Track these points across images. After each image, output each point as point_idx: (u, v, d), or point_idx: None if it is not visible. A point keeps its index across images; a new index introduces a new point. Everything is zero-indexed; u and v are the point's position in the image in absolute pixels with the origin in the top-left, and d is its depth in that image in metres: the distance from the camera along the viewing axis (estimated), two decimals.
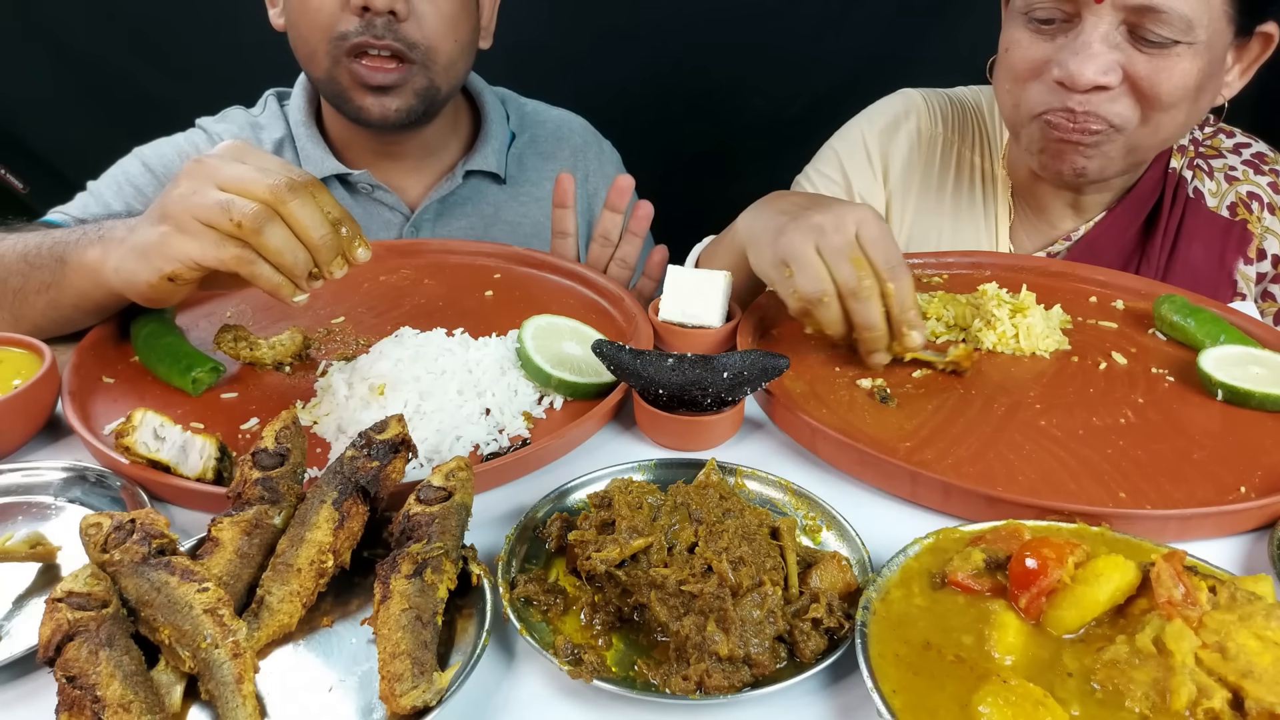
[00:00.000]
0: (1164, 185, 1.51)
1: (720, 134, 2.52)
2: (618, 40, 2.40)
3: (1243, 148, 1.55)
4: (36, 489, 0.95)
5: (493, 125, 1.76)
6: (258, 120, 1.72)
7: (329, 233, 0.98)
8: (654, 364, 0.99)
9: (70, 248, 1.13)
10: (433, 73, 1.53)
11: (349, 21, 1.45)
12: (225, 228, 0.96)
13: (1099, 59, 1.25)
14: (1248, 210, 1.50)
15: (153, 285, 1.02)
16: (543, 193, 1.80)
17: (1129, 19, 1.24)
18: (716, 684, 0.70)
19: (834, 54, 2.41)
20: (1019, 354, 1.20)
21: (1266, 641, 0.68)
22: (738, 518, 0.80)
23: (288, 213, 0.96)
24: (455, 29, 1.53)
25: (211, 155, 1.02)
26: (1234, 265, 1.50)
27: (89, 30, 2.36)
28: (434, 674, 0.68)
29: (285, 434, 0.88)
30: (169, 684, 0.70)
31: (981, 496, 0.89)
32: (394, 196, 1.69)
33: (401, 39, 1.47)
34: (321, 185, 1.00)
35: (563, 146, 1.85)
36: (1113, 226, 1.52)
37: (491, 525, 0.91)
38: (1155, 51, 1.25)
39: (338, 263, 1.00)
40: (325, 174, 1.64)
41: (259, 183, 0.96)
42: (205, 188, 0.97)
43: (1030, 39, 1.33)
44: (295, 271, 0.97)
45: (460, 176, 1.71)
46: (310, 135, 1.66)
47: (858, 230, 1.08)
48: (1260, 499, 0.91)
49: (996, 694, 0.65)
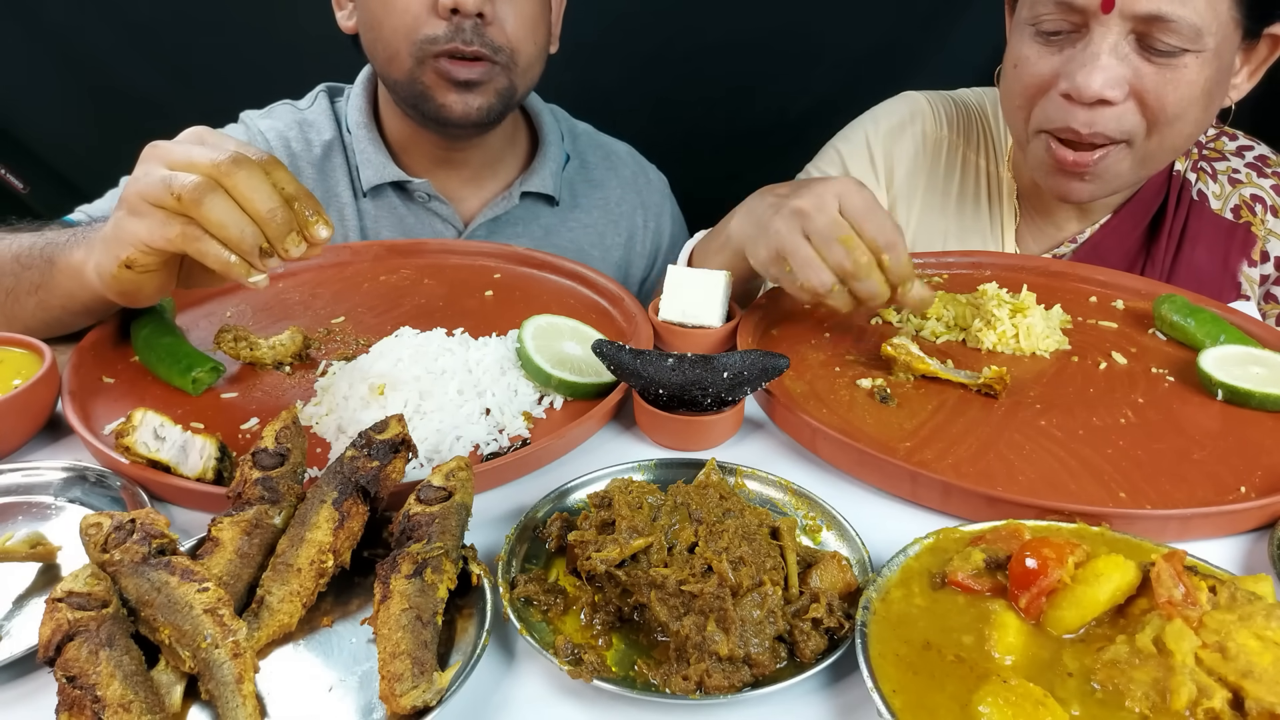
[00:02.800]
0: (1168, 188, 1.51)
1: (721, 135, 2.52)
2: (617, 40, 2.40)
3: (1245, 150, 1.55)
4: (36, 489, 0.95)
5: (551, 146, 1.74)
6: (305, 117, 1.69)
7: (278, 206, 0.93)
8: (654, 364, 0.99)
9: (59, 249, 1.12)
10: (514, 74, 1.52)
11: (436, 25, 1.44)
12: (169, 204, 0.93)
13: (1107, 71, 1.24)
14: (1251, 213, 1.50)
15: (115, 276, 1.00)
16: (591, 219, 1.79)
17: (1137, 29, 1.23)
18: (716, 684, 0.70)
19: (836, 55, 2.41)
20: (1019, 354, 1.20)
21: (1266, 641, 0.68)
22: (738, 518, 0.80)
23: (231, 185, 0.92)
24: (535, 31, 1.53)
25: (170, 141, 1.00)
26: (1238, 267, 1.51)
27: (90, 30, 2.36)
28: (434, 674, 0.68)
29: (285, 434, 0.88)
30: (169, 684, 0.70)
31: (981, 496, 0.89)
32: (449, 209, 1.67)
33: (488, 43, 1.46)
34: (278, 162, 0.96)
35: (611, 176, 1.84)
36: (1118, 229, 1.52)
37: (491, 525, 0.91)
38: (1163, 62, 1.24)
39: (293, 239, 0.94)
40: (384, 180, 1.62)
41: (205, 157, 0.93)
42: (155, 168, 0.95)
43: (1038, 54, 1.32)
44: (243, 247, 0.92)
45: (517, 197, 1.70)
46: (371, 138, 1.64)
47: (840, 204, 1.08)
48: (1260, 499, 0.91)
49: (996, 694, 0.65)
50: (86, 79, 2.41)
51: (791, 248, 1.08)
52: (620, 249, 1.84)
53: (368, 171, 1.63)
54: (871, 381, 1.12)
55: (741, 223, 1.22)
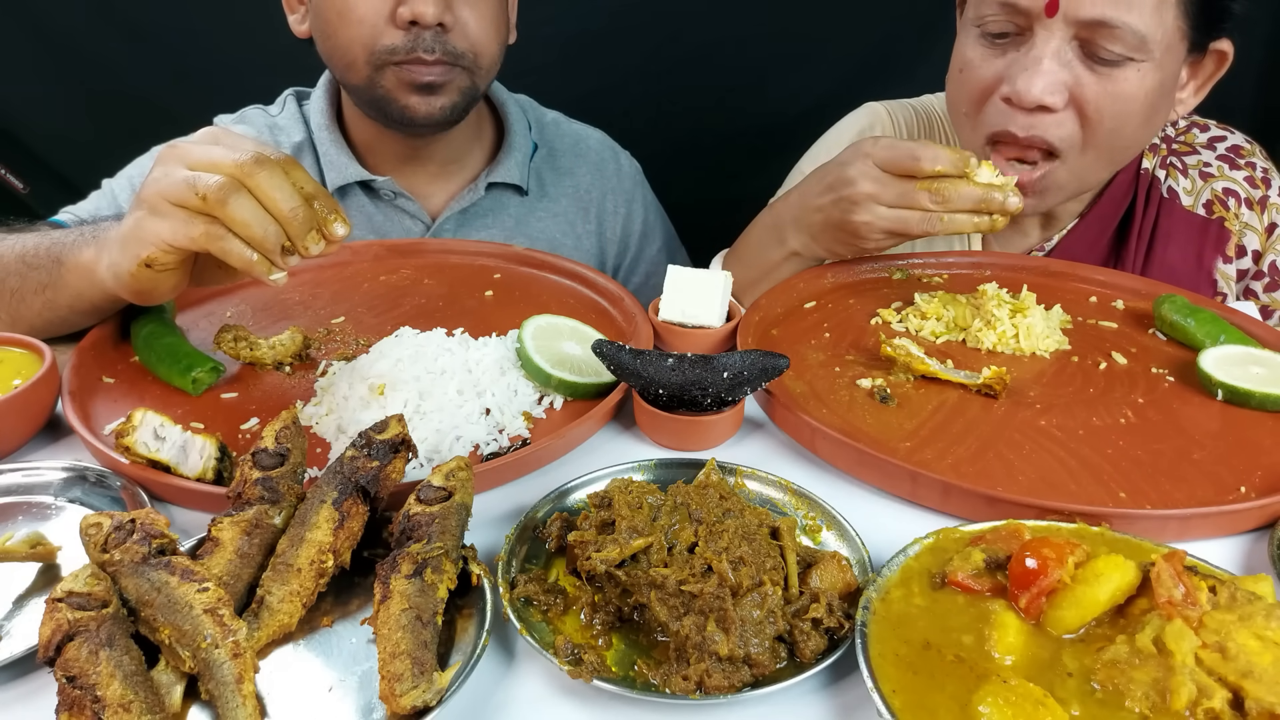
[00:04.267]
0: (1136, 187, 1.49)
1: (718, 136, 2.52)
2: (616, 38, 2.40)
3: (1217, 141, 1.52)
4: (36, 489, 0.95)
5: (516, 136, 1.74)
6: (276, 122, 1.70)
7: (299, 205, 0.95)
8: (654, 364, 0.99)
9: (67, 249, 1.13)
10: (476, 75, 1.53)
11: (395, 35, 1.44)
12: (193, 204, 0.94)
13: (1047, 77, 1.24)
14: (1224, 208, 1.48)
15: (134, 275, 1.01)
16: (561, 208, 1.79)
17: (1081, 34, 1.22)
18: (716, 684, 0.70)
19: (832, 57, 2.41)
20: (1019, 354, 1.20)
21: (1266, 641, 0.68)
22: (738, 518, 0.80)
23: (254, 184, 0.94)
24: (498, 31, 1.53)
25: (187, 140, 1.01)
26: (1213, 264, 1.49)
27: (90, 30, 2.36)
28: (434, 674, 0.68)
29: (285, 434, 0.88)
30: (169, 684, 0.70)
31: (981, 496, 0.89)
32: (416, 205, 1.68)
33: (449, 50, 1.46)
34: (295, 161, 0.98)
35: (581, 163, 1.84)
36: (1085, 235, 1.50)
37: (491, 525, 0.91)
38: (1105, 70, 1.24)
39: (313, 237, 0.96)
40: (348, 180, 1.63)
41: (226, 157, 0.95)
42: (175, 169, 0.96)
43: (982, 57, 1.32)
44: (266, 245, 0.94)
45: (483, 188, 1.70)
46: (333, 139, 1.64)
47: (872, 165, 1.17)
48: (1260, 499, 0.91)
49: (996, 694, 0.65)
50: (86, 79, 2.41)
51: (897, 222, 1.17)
52: (593, 236, 1.83)
53: (332, 174, 1.63)
54: (871, 381, 1.12)
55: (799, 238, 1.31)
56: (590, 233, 1.83)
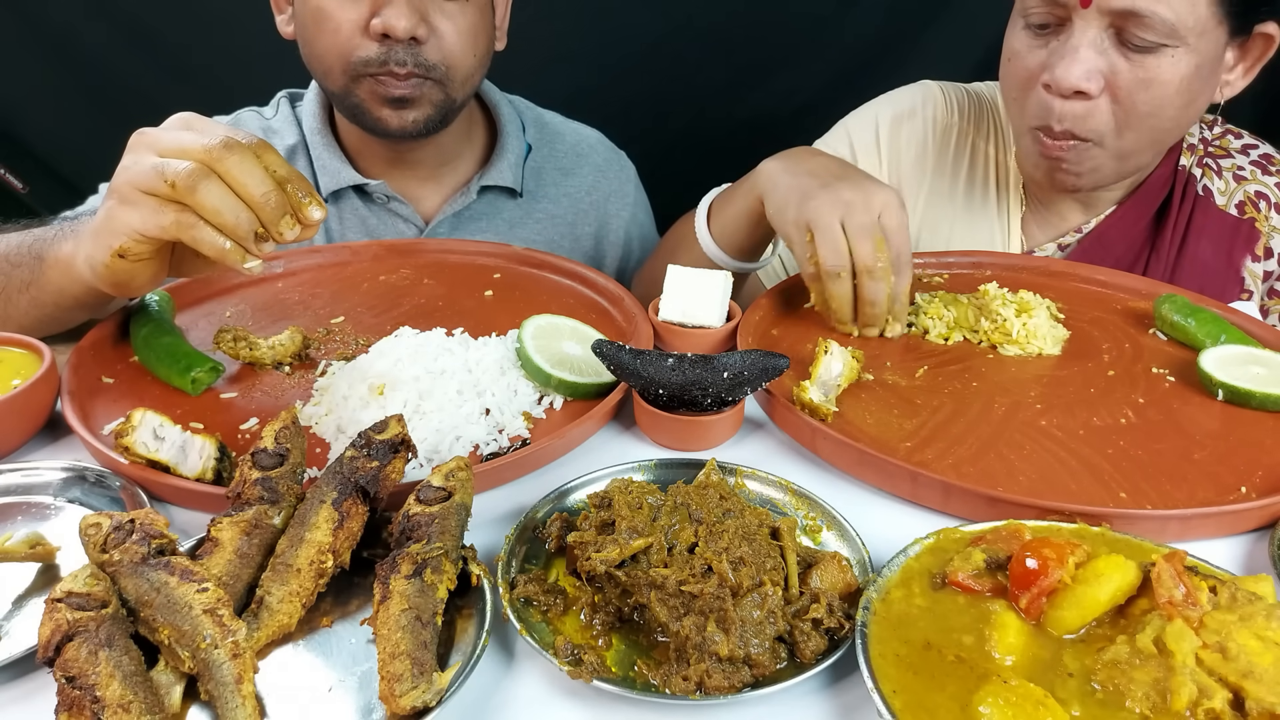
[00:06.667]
0: (1174, 182, 1.53)
1: (718, 127, 2.52)
2: (615, 36, 2.40)
3: (1250, 149, 1.57)
4: (36, 489, 0.95)
5: (509, 139, 1.73)
6: (270, 125, 1.69)
7: (271, 189, 0.93)
8: (654, 364, 0.99)
9: (48, 244, 1.12)
10: (450, 88, 1.52)
11: (369, 46, 1.43)
12: (162, 191, 0.93)
13: (1084, 63, 1.29)
14: (1255, 209, 1.52)
15: (108, 266, 1.00)
16: (559, 209, 1.78)
17: (1115, 23, 1.27)
18: (716, 684, 0.70)
19: (832, 49, 2.42)
20: (1019, 354, 1.20)
21: (1267, 642, 0.68)
22: (738, 518, 0.80)
23: (225, 170, 0.92)
24: (475, 43, 1.52)
25: (157, 128, 1.00)
26: (1241, 263, 1.52)
27: (89, 30, 2.36)
28: (434, 674, 0.68)
29: (285, 434, 0.87)
30: (169, 684, 0.70)
31: (982, 496, 0.89)
32: (409, 208, 1.67)
33: (421, 62, 1.45)
34: (268, 145, 0.96)
35: (581, 163, 1.83)
36: (1122, 220, 1.54)
37: (491, 525, 0.91)
38: (1139, 57, 1.28)
39: (287, 222, 0.94)
40: (342, 185, 1.63)
41: (195, 143, 0.93)
42: (145, 156, 0.95)
43: (1027, 47, 1.37)
44: (239, 232, 0.92)
45: (475, 192, 1.69)
46: (326, 144, 1.64)
47: (881, 214, 1.15)
48: (1261, 499, 0.91)
49: (997, 694, 0.65)
50: (86, 79, 2.41)
51: (825, 225, 1.14)
52: (591, 239, 1.82)
53: (325, 178, 1.63)
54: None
55: (774, 175, 1.26)
56: (589, 235, 1.82)
